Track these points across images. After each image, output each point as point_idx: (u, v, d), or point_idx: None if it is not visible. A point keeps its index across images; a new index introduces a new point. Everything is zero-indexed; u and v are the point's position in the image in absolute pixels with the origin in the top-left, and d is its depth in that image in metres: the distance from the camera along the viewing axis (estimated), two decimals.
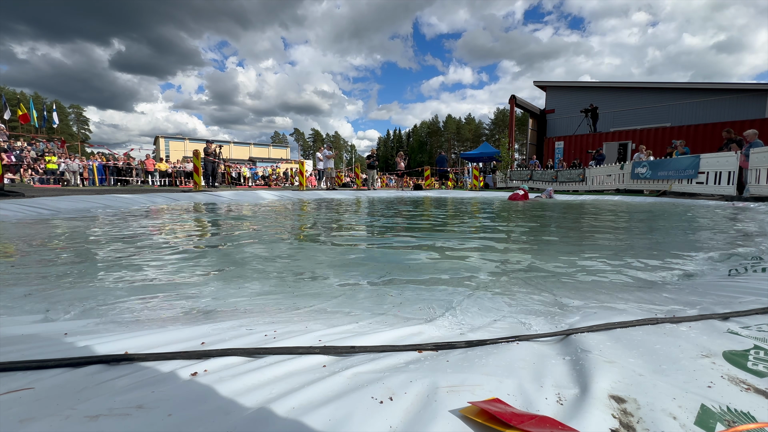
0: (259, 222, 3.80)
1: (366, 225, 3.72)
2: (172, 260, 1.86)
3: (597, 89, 17.03)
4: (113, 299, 1.21)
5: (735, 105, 13.25)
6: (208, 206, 5.71)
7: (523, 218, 4.41)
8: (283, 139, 70.27)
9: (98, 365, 0.62)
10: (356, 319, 1.05)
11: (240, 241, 2.56)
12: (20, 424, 0.46)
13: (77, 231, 2.90)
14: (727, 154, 7.53)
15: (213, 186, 11.07)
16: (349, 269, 1.70)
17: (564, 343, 0.77)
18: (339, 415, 0.49)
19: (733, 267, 1.69)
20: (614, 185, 10.97)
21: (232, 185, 16.92)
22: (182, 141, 42.03)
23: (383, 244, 2.49)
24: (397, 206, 6.22)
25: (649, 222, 3.96)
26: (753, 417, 0.50)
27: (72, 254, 1.99)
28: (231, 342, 0.74)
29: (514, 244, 2.55)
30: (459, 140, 61.05)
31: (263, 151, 47.90)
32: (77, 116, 52.16)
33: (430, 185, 15.65)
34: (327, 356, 0.68)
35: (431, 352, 0.71)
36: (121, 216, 4.01)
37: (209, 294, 1.29)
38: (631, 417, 0.50)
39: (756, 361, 0.66)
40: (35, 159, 15.73)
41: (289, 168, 27.23)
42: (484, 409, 0.49)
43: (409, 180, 23.91)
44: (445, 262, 1.86)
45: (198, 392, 0.54)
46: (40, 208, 4.24)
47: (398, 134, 70.57)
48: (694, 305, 1.06)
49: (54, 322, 0.92)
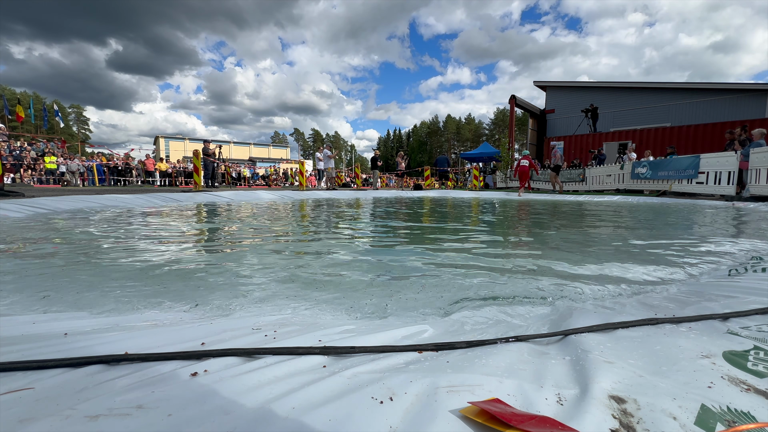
0: (259, 222, 3.80)
1: (366, 225, 3.72)
2: (172, 260, 1.86)
3: (597, 89, 17.03)
4: (113, 299, 1.21)
5: (735, 105, 13.25)
6: (209, 206, 5.71)
7: (523, 218, 4.41)
8: (283, 139, 70.31)
9: (98, 365, 0.62)
10: (356, 319, 1.05)
11: (240, 241, 2.56)
12: (20, 424, 0.46)
13: (77, 231, 2.90)
14: (727, 154, 7.54)
15: (213, 186, 11.07)
16: (349, 269, 1.70)
17: (564, 343, 0.77)
18: (339, 415, 0.49)
19: (733, 267, 1.69)
20: (614, 185, 10.97)
21: (232, 185, 16.91)
22: (182, 141, 42.04)
23: (383, 244, 2.49)
24: (397, 206, 6.22)
25: (649, 222, 3.96)
26: (753, 417, 0.50)
27: (72, 254, 1.99)
28: (231, 342, 0.74)
29: (514, 243, 2.55)
30: (459, 140, 61.05)
31: (263, 151, 47.91)
32: (77, 116, 52.15)
33: (430, 185, 15.65)
34: (327, 356, 0.68)
35: (431, 353, 0.71)
36: (121, 216, 4.01)
37: (209, 294, 1.30)
38: (631, 417, 0.50)
39: (756, 361, 0.66)
40: (35, 159, 15.73)
41: (289, 168, 27.24)
42: (484, 409, 0.49)
43: (409, 180, 23.91)
44: (445, 262, 1.86)
45: (198, 392, 0.54)
46: (40, 208, 4.24)
47: (398, 134, 70.57)
48: (694, 305, 1.06)
49: (54, 322, 0.92)
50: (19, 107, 17.14)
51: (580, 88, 17.86)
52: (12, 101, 27.39)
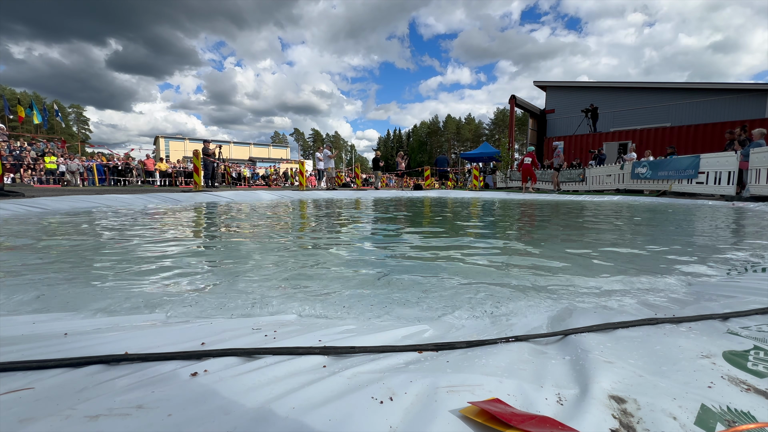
0: (259, 222, 3.80)
1: (366, 225, 3.72)
2: (172, 260, 1.86)
3: (597, 89, 17.02)
4: (113, 299, 1.21)
5: (735, 105, 13.25)
6: (209, 206, 5.71)
7: (524, 218, 4.41)
8: (283, 139, 70.32)
9: (98, 365, 0.62)
10: (356, 319, 1.05)
11: (240, 241, 2.56)
12: (20, 424, 0.46)
13: (77, 231, 2.90)
14: (727, 154, 7.54)
15: (213, 186, 11.07)
16: (349, 269, 1.70)
17: (564, 343, 0.77)
18: (339, 415, 0.49)
19: (733, 267, 1.69)
20: (614, 185, 10.96)
21: (232, 185, 16.92)
22: (182, 141, 42.05)
23: (383, 244, 2.49)
24: (397, 206, 6.22)
25: (649, 222, 3.96)
26: (753, 417, 0.50)
27: (72, 254, 1.99)
28: (231, 342, 0.74)
29: (514, 244, 2.55)
30: (459, 140, 61.05)
31: (263, 151, 47.93)
32: (77, 116, 52.15)
33: (430, 185, 15.65)
34: (327, 356, 0.68)
35: (431, 352, 0.71)
36: (122, 216, 4.01)
37: (209, 294, 1.30)
38: (631, 417, 0.50)
39: (756, 361, 0.66)
40: (35, 159, 15.73)
41: (289, 168, 27.25)
42: (484, 409, 0.49)
43: (409, 180, 23.91)
44: (445, 263, 1.86)
45: (198, 392, 0.54)
46: (40, 208, 4.24)
47: (398, 134, 70.57)
48: (694, 305, 1.06)
49: (54, 322, 0.91)
50: (19, 107, 17.13)
51: (580, 88, 17.86)
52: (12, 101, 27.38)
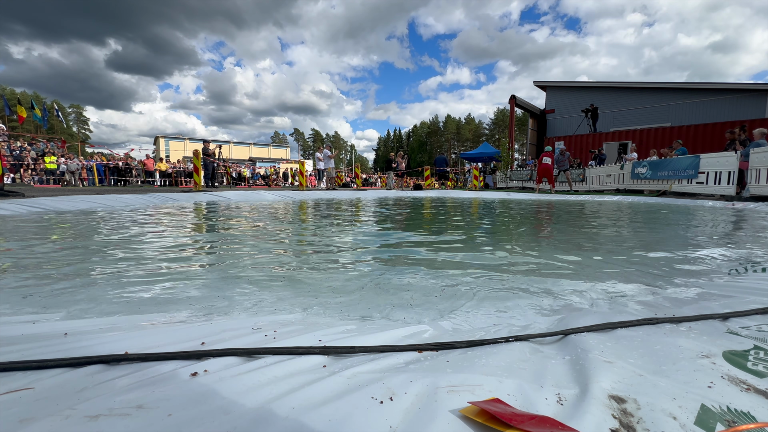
0: (259, 222, 3.80)
1: (366, 224, 3.72)
2: (172, 260, 1.86)
3: (597, 89, 17.03)
4: (113, 299, 1.21)
5: (735, 105, 13.26)
6: (209, 206, 5.71)
7: (524, 218, 4.41)
8: (283, 139, 70.36)
9: (98, 365, 0.62)
10: (356, 319, 1.05)
11: (240, 242, 2.55)
12: (20, 424, 0.46)
13: (77, 231, 2.90)
14: (727, 154, 7.53)
15: (213, 186, 11.07)
16: (349, 269, 1.70)
17: (564, 342, 0.77)
18: (339, 415, 0.49)
19: (733, 267, 1.69)
20: (614, 185, 10.96)
21: (232, 185, 16.92)
22: (182, 141, 42.05)
23: (383, 244, 2.49)
24: (398, 206, 6.22)
25: (648, 222, 3.96)
26: (753, 417, 0.50)
27: (72, 254, 1.99)
28: (231, 342, 0.74)
29: (514, 244, 2.55)
30: (459, 140, 61.05)
31: (263, 151, 47.93)
32: (77, 116, 52.15)
33: (430, 185, 15.64)
34: (327, 356, 0.68)
35: (431, 352, 0.71)
36: (121, 216, 4.01)
37: (209, 294, 1.29)
38: (631, 417, 0.50)
39: (756, 361, 0.66)
40: (35, 159, 15.72)
41: (289, 168, 27.25)
42: (484, 409, 0.49)
43: (409, 180, 23.91)
44: (445, 262, 1.86)
45: (198, 392, 0.54)
46: (40, 207, 4.24)
47: (398, 134, 70.58)
48: (694, 305, 1.06)
49: (54, 322, 0.91)
50: (20, 107, 17.10)
51: (580, 88, 17.86)
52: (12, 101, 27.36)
